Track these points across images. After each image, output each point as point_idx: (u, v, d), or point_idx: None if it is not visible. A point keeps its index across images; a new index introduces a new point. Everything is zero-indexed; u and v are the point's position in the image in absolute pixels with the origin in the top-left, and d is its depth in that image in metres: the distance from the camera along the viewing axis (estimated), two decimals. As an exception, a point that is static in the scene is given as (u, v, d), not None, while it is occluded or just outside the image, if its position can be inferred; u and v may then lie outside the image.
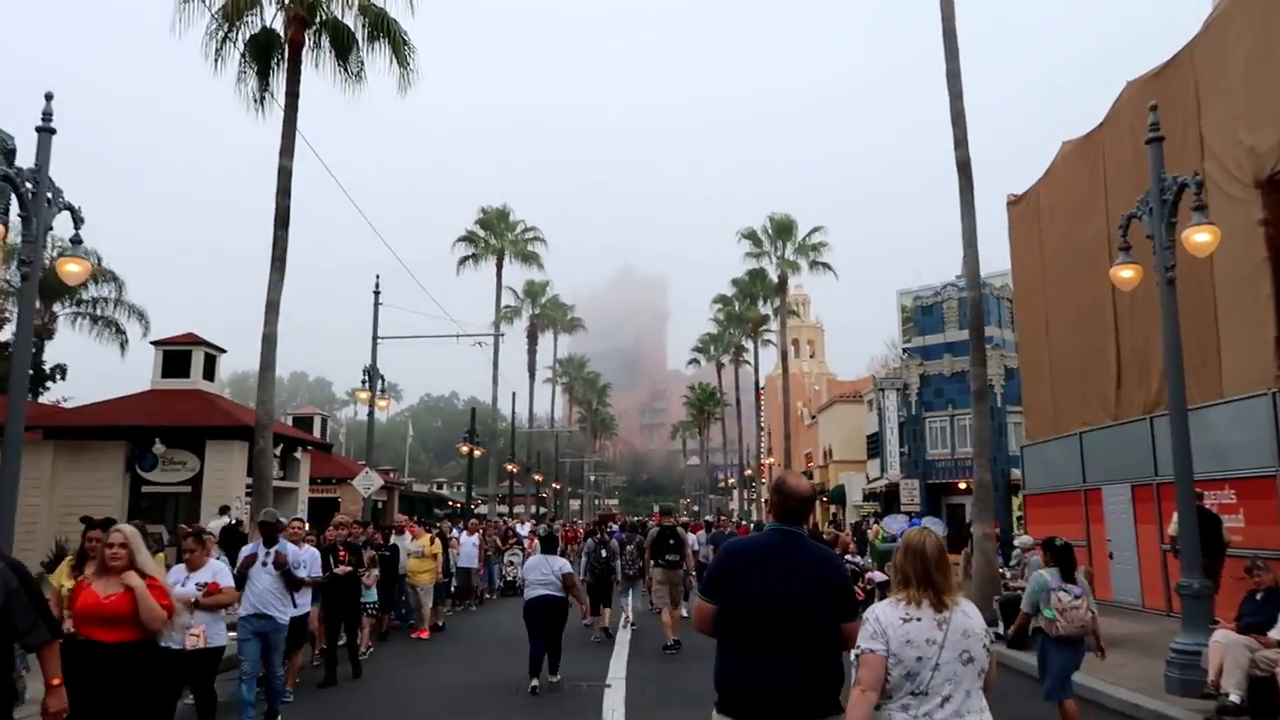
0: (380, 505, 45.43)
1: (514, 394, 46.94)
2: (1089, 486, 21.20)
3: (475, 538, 19.53)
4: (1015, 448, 35.91)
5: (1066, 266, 22.25)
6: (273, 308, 18.10)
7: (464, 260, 41.41)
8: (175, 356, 25.23)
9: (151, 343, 25.56)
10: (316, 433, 41.71)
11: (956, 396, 37.16)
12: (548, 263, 45.64)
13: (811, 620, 3.98)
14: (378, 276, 24.39)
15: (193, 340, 25.47)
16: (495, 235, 41.02)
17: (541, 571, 11.13)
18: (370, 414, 24.26)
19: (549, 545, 11.58)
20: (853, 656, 3.70)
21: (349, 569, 11.75)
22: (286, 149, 18.53)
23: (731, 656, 4.06)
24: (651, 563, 14.84)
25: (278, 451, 24.98)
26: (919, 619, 3.60)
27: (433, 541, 14.65)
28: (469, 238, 41.04)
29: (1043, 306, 24.19)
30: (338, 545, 11.98)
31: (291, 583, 8.93)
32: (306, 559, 9.60)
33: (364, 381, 23.40)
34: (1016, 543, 16.64)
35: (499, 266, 40.86)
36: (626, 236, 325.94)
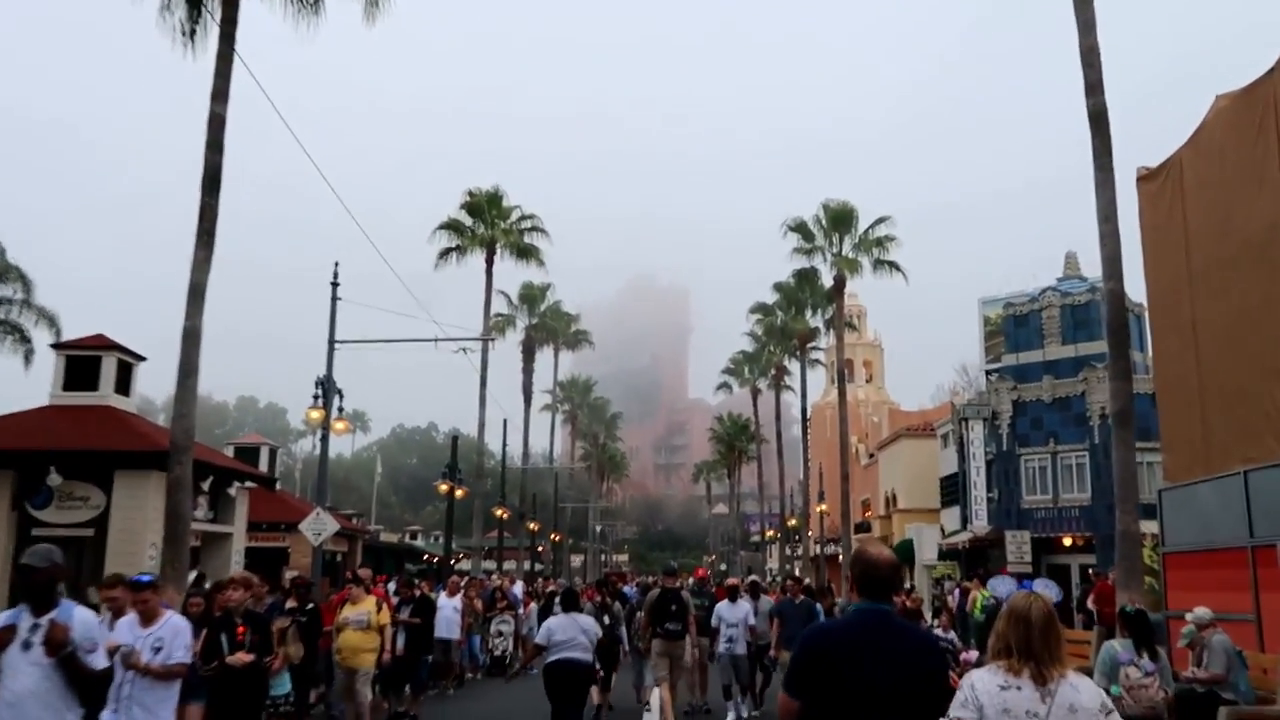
0: (338, 558, 44.00)
1: (505, 421, 45.49)
2: (1259, 543, 19.31)
3: (457, 600, 17.96)
4: (1147, 493, 34.23)
5: (1223, 257, 20.48)
6: (197, 294, 16.70)
7: (445, 254, 39.95)
8: (80, 364, 23.80)
9: (51, 346, 24.21)
10: (263, 466, 40.26)
11: (1060, 428, 35.49)
12: (550, 262, 44.11)
13: (912, 712, 4.18)
14: (336, 265, 22.97)
15: (102, 343, 24.04)
16: (485, 223, 39.59)
17: (569, 632, 11.32)
18: (323, 438, 22.74)
19: (571, 602, 11.81)
20: None
21: (250, 656, 9.08)
22: (220, 91, 17.24)
23: None
24: (649, 631, 15.09)
25: (205, 486, 23.56)
26: (1019, 688, 3.87)
27: (380, 609, 12.78)
28: (452, 225, 39.57)
29: (1189, 311, 22.38)
30: (233, 616, 9.29)
31: (80, 680, 5.99)
32: (165, 636, 7.39)
33: (316, 397, 21.89)
34: (1189, 618, 14.81)
35: (489, 261, 39.37)
36: (644, 242, 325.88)
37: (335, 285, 22.87)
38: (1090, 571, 25.51)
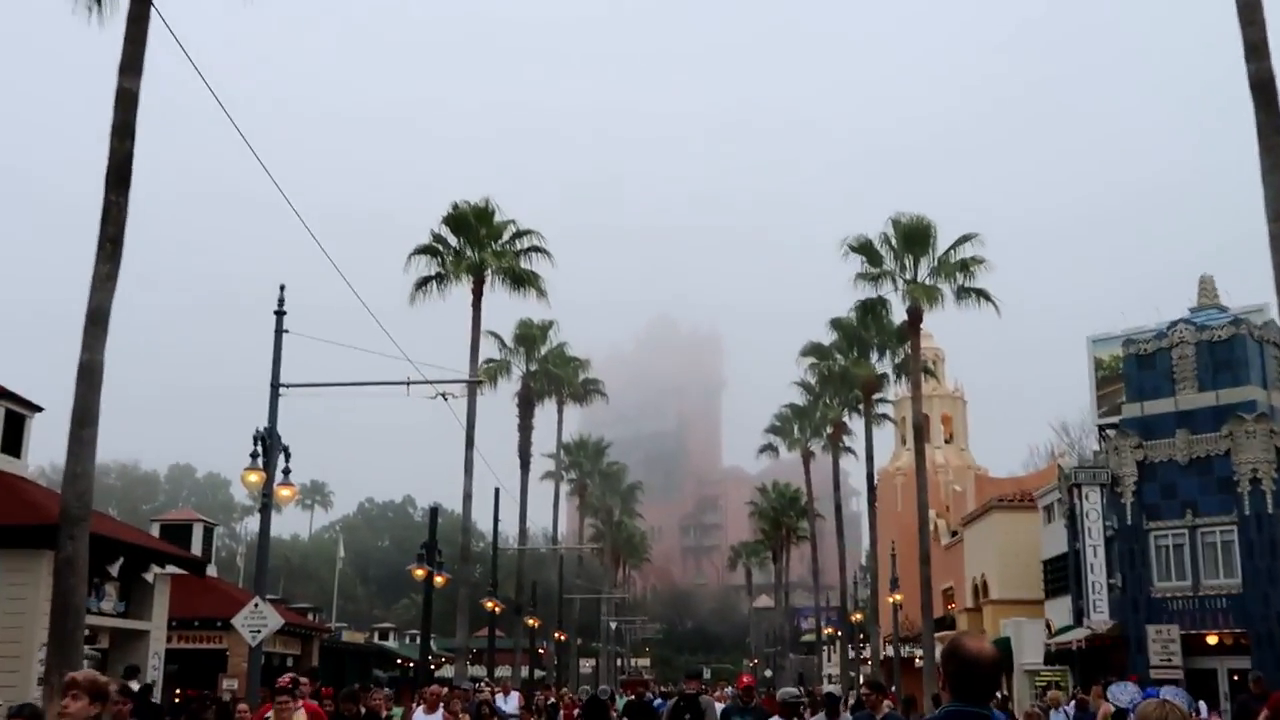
0: (289, 662, 42.82)
1: (497, 491, 44.31)
2: None
3: (439, 717, 16.72)
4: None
5: None
6: (97, 322, 15.77)
7: (423, 283, 39.03)
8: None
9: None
10: (197, 548, 39.32)
11: (1199, 496, 34.12)
12: (553, 296, 43.19)
13: None
14: (282, 288, 22.00)
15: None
16: (472, 243, 38.71)
17: None
18: (264, 507, 21.62)
19: (597, 713, 14.91)
20: None
21: None
22: (131, 61, 16.53)
23: None
24: None
25: (113, 570, 22.56)
26: None
27: None
28: (432, 249, 38.69)
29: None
30: None
31: None
32: None
33: (255, 455, 20.82)
34: None
35: (476, 291, 38.35)
36: (666, 279, 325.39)
37: (280, 314, 21.90)
38: (1252, 680, 24.06)
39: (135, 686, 18.61)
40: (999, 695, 35.93)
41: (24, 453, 24.01)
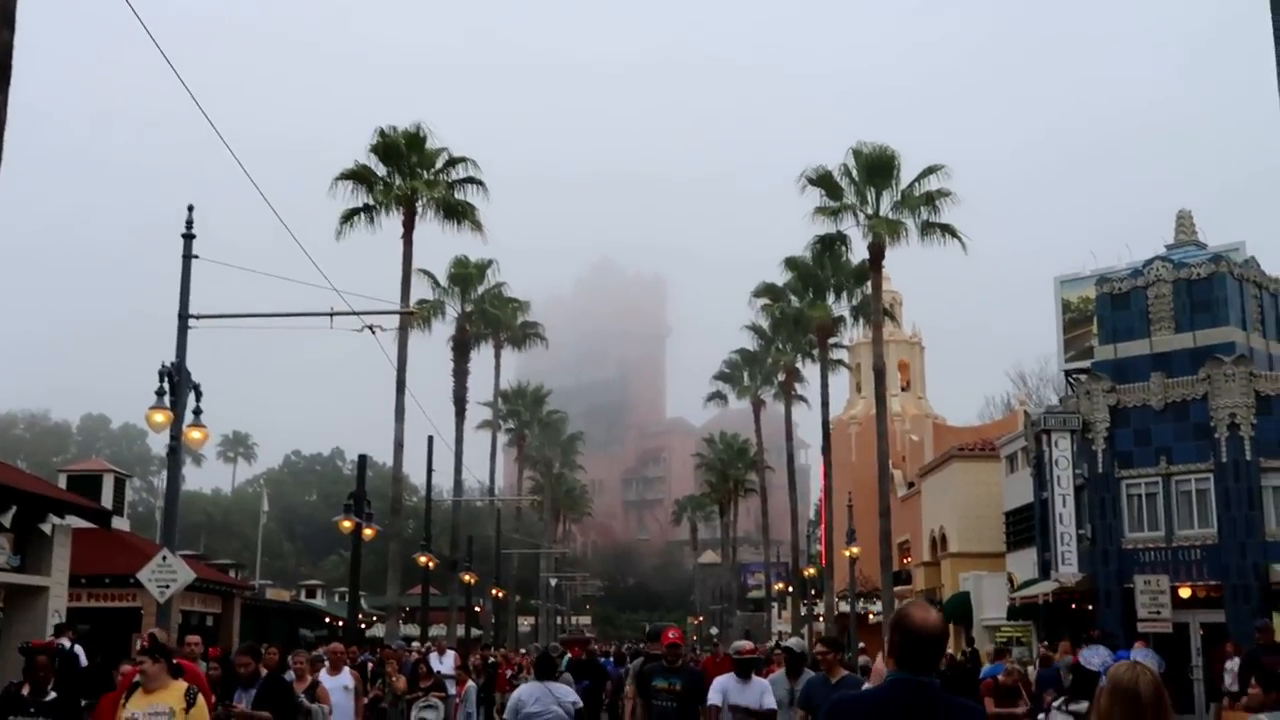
0: (208, 621, 41.59)
1: (430, 439, 42.99)
2: None
3: (346, 677, 15.43)
4: (1274, 527, 32.49)
5: None
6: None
7: (351, 215, 37.52)
8: None
9: None
10: (107, 500, 37.87)
11: (1174, 443, 33.67)
12: (491, 236, 41.83)
13: None
14: (190, 209, 20.54)
15: None
16: (402, 172, 37.26)
17: (544, 703, 11.76)
18: (171, 449, 20.25)
19: (546, 669, 12.60)
20: None
21: None
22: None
23: None
24: (636, 705, 14.47)
25: (5, 520, 21.15)
26: None
27: (192, 700, 9.65)
28: (359, 174, 37.13)
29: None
30: None
31: None
32: None
33: (160, 393, 19.46)
34: None
35: (407, 224, 36.94)
36: (609, 235, 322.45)
37: (189, 238, 20.44)
38: (1258, 629, 23.46)
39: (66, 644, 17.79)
40: (966, 650, 35.42)
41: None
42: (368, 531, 33.09)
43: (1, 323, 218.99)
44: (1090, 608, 34.72)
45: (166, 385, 19.88)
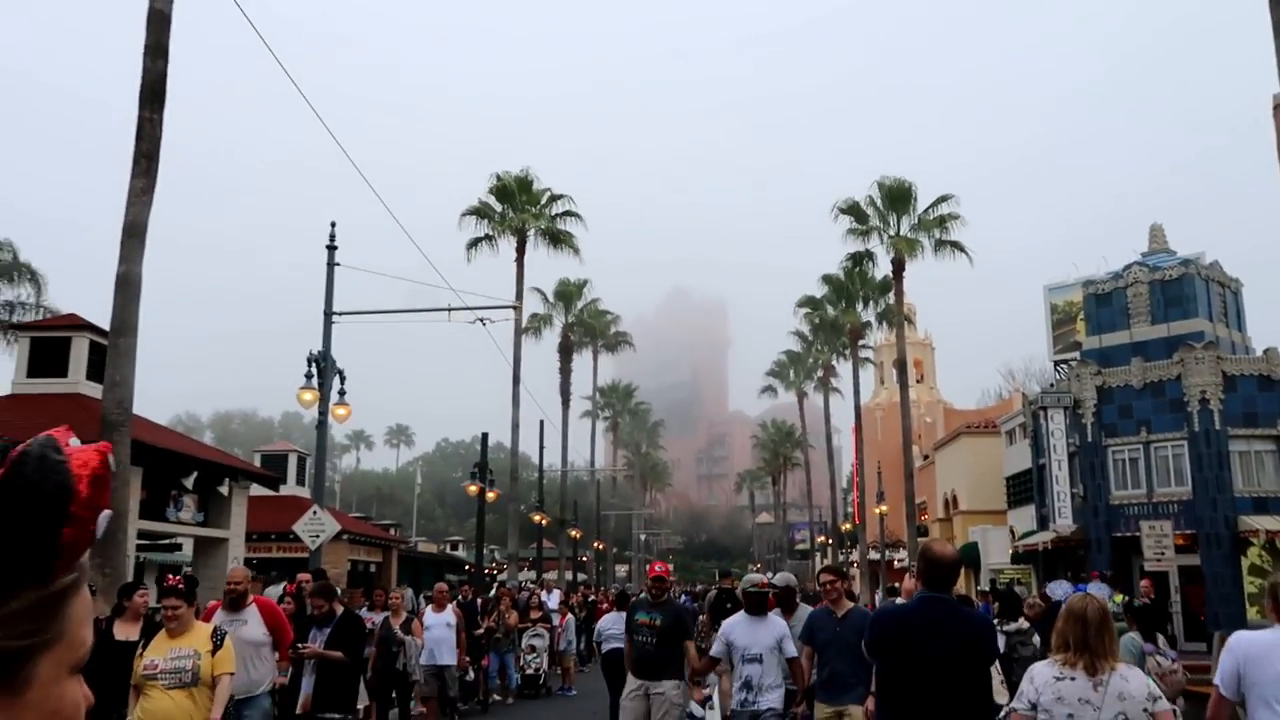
0: (371, 568, 40.30)
1: (541, 422, 41.45)
2: None
3: (448, 614, 13.65)
4: (1241, 485, 29.69)
5: None
6: (134, 234, 12.92)
7: (474, 243, 36.13)
8: (47, 347, 20.21)
9: (12, 326, 20.64)
10: (292, 475, 36.83)
11: (1152, 416, 31.01)
12: (586, 259, 40.14)
13: (961, 680, 4.88)
14: (333, 224, 19.07)
15: (73, 323, 20.44)
16: (514, 208, 35.74)
17: (619, 625, 11.83)
18: (320, 424, 18.79)
19: (622, 603, 12.71)
20: (1002, 715, 5.25)
21: None
22: (163, -16, 13.38)
23: (889, 713, 5.08)
24: (710, 629, 13.85)
25: (188, 483, 19.79)
26: (1073, 679, 4.30)
27: (216, 643, 6.67)
28: (480, 210, 35.73)
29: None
30: None
31: None
32: None
33: (309, 375, 18.00)
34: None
35: (519, 249, 35.44)
36: (680, 253, 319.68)
37: (332, 249, 19.03)
38: None
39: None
40: (980, 588, 33.08)
41: (110, 381, 21.19)
42: (490, 494, 31.56)
43: (215, 328, 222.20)
44: (1082, 553, 32.12)
45: (314, 370, 18.45)
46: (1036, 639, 11.55)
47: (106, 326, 20.87)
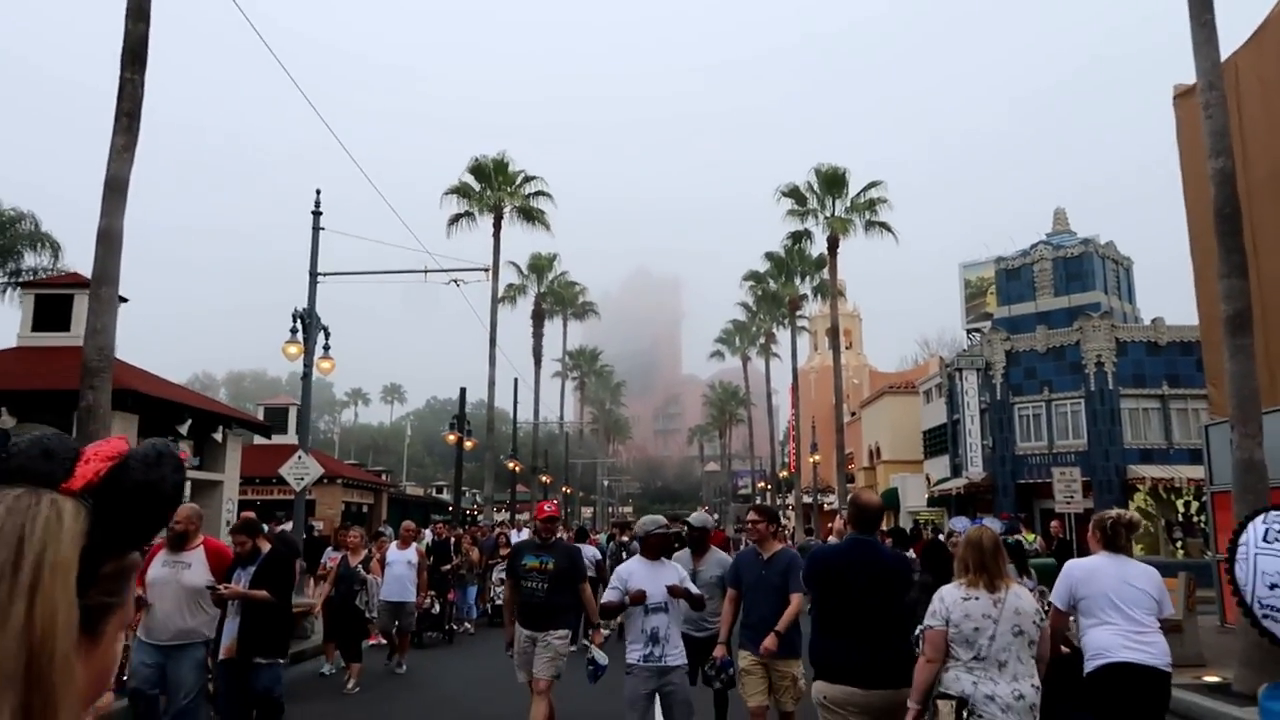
0: (365, 510, 39.18)
1: (515, 380, 40.37)
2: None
3: (411, 553, 12.28)
4: (1130, 438, 29.34)
5: (1294, 163, 15.54)
6: (115, 189, 11.67)
7: (455, 219, 34.78)
8: (50, 303, 18.87)
9: (19, 284, 19.27)
10: (291, 428, 35.45)
11: (1054, 377, 30.50)
12: (556, 235, 38.94)
13: (884, 608, 5.02)
14: (318, 192, 17.85)
15: (75, 281, 19.07)
16: (491, 188, 34.41)
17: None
18: (305, 375, 17.68)
19: (581, 537, 13.36)
20: (917, 631, 4.82)
21: None
22: (145, -51, 12.07)
23: (824, 637, 5.15)
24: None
25: (183, 430, 18.59)
26: (977, 598, 4.48)
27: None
28: (460, 190, 34.37)
29: (1246, 229, 17.44)
30: None
31: None
32: None
33: (294, 330, 16.86)
34: None
35: (496, 225, 34.18)
36: (641, 239, 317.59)
37: (317, 214, 17.83)
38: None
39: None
40: (901, 528, 32.54)
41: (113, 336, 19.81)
42: (468, 444, 30.56)
43: (207, 295, 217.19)
44: (990, 497, 31.75)
45: (299, 325, 17.31)
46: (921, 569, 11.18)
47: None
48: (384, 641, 12.19)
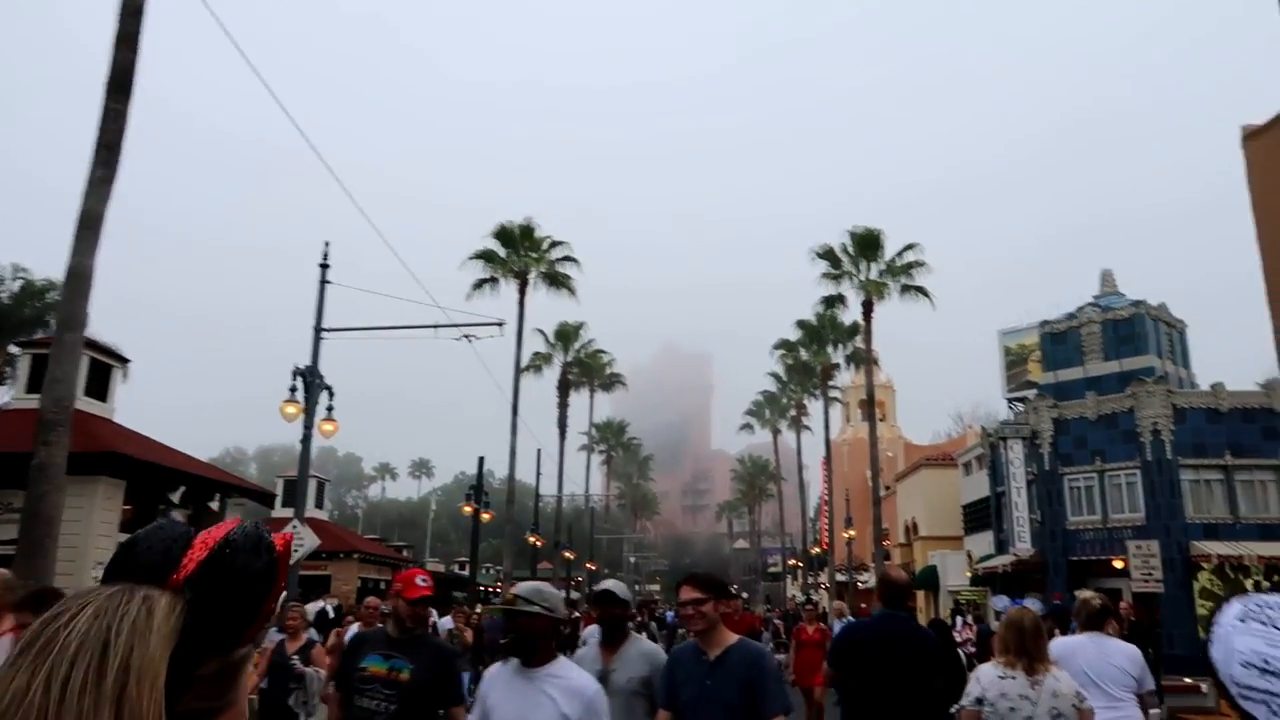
0: (383, 585, 37.61)
1: (539, 450, 38.95)
2: None
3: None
4: (1192, 512, 27.25)
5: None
6: (88, 226, 10.64)
7: (479, 285, 33.91)
8: (46, 363, 17.77)
9: (15, 344, 18.32)
10: (312, 500, 34.26)
11: (1107, 446, 28.61)
12: (582, 303, 37.93)
13: (914, 686, 4.81)
14: (326, 244, 16.85)
15: (73, 340, 18.01)
16: (517, 254, 33.54)
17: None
18: (305, 438, 16.41)
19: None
20: (953, 710, 4.66)
21: None
22: (134, -24, 11.24)
23: (851, 714, 4.94)
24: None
25: (175, 497, 17.33)
26: (1014, 678, 4.32)
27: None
28: (485, 255, 33.51)
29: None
30: None
31: None
32: None
33: (293, 389, 15.66)
34: None
35: (521, 291, 33.24)
36: (671, 315, 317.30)
37: (325, 267, 16.81)
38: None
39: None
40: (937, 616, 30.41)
41: (110, 398, 18.77)
42: (485, 515, 29.07)
43: (241, 372, 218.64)
44: (1040, 575, 29.59)
45: (300, 384, 16.09)
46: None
47: (110, 347, 18.54)
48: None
